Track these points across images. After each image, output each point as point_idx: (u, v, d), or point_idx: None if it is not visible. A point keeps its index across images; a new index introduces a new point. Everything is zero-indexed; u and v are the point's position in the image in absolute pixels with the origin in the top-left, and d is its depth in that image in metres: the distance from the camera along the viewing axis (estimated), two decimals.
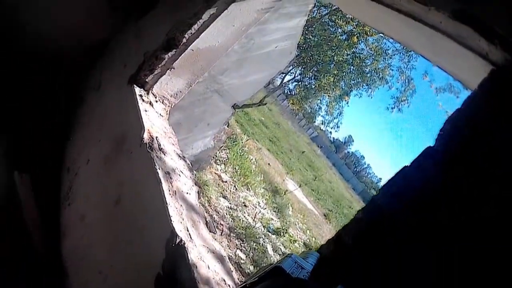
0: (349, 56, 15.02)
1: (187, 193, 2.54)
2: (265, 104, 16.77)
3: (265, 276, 1.41)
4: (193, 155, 6.38)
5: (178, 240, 1.97)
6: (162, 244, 2.03)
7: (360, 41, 14.39)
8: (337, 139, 78.20)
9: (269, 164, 14.87)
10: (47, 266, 3.02)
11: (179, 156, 2.97)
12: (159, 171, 2.40)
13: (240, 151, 10.65)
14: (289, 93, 21.80)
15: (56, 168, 3.85)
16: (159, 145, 2.75)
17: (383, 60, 15.72)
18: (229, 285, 2.09)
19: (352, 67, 15.47)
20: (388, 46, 15.36)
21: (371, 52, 15.15)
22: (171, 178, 2.47)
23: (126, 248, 2.38)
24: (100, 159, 3.17)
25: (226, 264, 2.27)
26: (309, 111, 23.26)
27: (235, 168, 9.62)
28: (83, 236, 2.91)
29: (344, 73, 15.52)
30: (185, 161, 3.00)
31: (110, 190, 2.81)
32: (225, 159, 9.40)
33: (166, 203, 2.16)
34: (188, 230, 2.13)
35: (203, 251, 2.13)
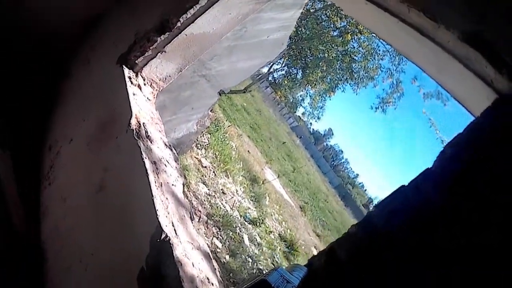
0: (340, 52, 15.05)
1: (173, 185, 2.50)
2: (250, 91, 16.75)
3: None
4: (175, 138, 6.32)
5: (163, 236, 1.94)
6: (147, 238, 1.99)
7: (353, 39, 14.43)
8: (317, 131, 78.68)
9: (248, 151, 14.87)
10: (27, 248, 2.95)
11: (166, 144, 2.92)
12: (146, 161, 2.35)
13: (222, 136, 10.62)
14: (273, 81, 21.77)
15: (38, 145, 3.75)
16: (146, 132, 2.70)
17: (373, 60, 15.81)
18: (212, 284, 2.07)
19: (341, 63, 15.52)
20: (379, 46, 15.45)
21: (362, 50, 15.21)
22: (157, 168, 2.42)
23: (108, 238, 2.32)
24: (83, 140, 3.09)
25: (210, 261, 2.25)
26: (292, 101, 23.30)
27: (216, 154, 9.60)
28: (64, 219, 2.84)
29: (333, 69, 15.58)
30: (171, 150, 2.95)
31: (93, 175, 2.73)
32: (206, 144, 9.35)
33: (153, 196, 2.12)
34: (173, 225, 2.10)
35: (188, 247, 2.10)
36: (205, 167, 8.56)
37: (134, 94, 2.97)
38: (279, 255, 8.84)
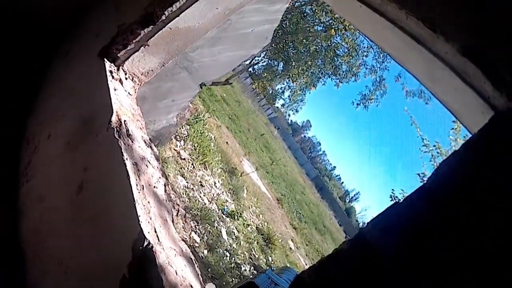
0: (323, 47, 15.07)
1: (154, 186, 2.43)
2: (231, 83, 16.68)
3: None
4: (154, 130, 6.24)
5: (146, 243, 1.87)
6: (129, 245, 1.92)
7: (337, 35, 14.46)
8: (295, 122, 79.03)
9: (227, 142, 14.82)
10: (5, 248, 2.85)
11: (147, 143, 2.85)
12: (127, 162, 2.27)
13: (201, 128, 10.53)
14: (253, 72, 21.73)
15: (17, 138, 3.63)
16: (127, 130, 2.61)
17: (356, 56, 15.90)
18: None
19: (324, 58, 15.55)
20: (363, 43, 15.54)
21: (346, 46, 15.26)
22: (138, 170, 2.35)
23: (89, 242, 2.24)
24: (62, 137, 2.98)
25: (193, 266, 2.20)
26: (271, 92, 23.31)
27: (195, 146, 9.52)
28: (42, 220, 2.73)
29: (316, 64, 15.62)
30: (152, 149, 2.88)
31: (72, 175, 2.63)
32: (185, 135, 9.26)
33: (134, 201, 2.05)
34: (156, 231, 2.04)
35: (171, 254, 2.05)
36: (184, 159, 8.48)
37: (115, 90, 2.87)
38: (256, 249, 8.84)
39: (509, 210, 1.20)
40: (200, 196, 7.99)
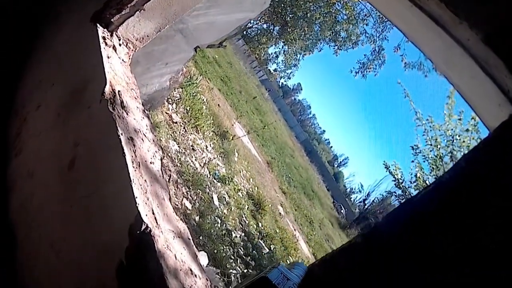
0: (322, 14, 14.85)
1: (151, 162, 2.33)
2: (225, 46, 16.41)
3: (251, 286, 1.33)
4: (146, 94, 6.12)
5: (144, 227, 1.79)
6: (125, 228, 1.84)
7: (338, 2, 14.24)
8: (285, 85, 78.46)
9: (219, 105, 14.66)
10: None
11: (142, 114, 2.72)
12: (122, 137, 2.15)
13: (193, 90, 10.36)
14: (247, 34, 21.42)
15: (5, 108, 3.47)
16: (122, 102, 2.49)
17: (356, 24, 15.72)
18: (195, 275, 1.95)
19: (323, 25, 15.35)
20: (364, 11, 15.37)
21: (345, 13, 15.06)
22: (134, 145, 2.24)
23: (81, 225, 2.15)
24: (52, 108, 2.83)
25: (191, 247, 2.12)
26: (264, 55, 23.08)
27: (187, 109, 9.37)
28: (32, 197, 2.62)
29: (313, 30, 15.42)
30: (149, 119, 2.77)
31: (62, 150, 2.50)
32: (177, 98, 9.10)
33: (130, 181, 1.95)
34: (153, 213, 1.95)
35: (170, 237, 1.97)
36: (176, 122, 8.36)
37: (108, 57, 2.73)
38: (246, 215, 8.84)
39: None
40: (192, 161, 7.92)
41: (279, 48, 19.62)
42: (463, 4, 1.45)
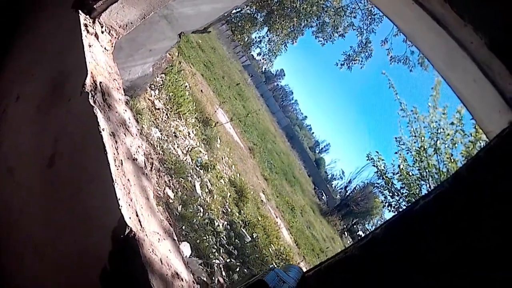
0: (310, 4, 14.79)
1: (134, 158, 2.24)
2: (209, 32, 16.24)
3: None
4: (129, 81, 6.00)
5: (127, 231, 1.71)
6: (108, 232, 1.75)
7: None
8: (268, 70, 78.07)
9: (202, 91, 14.52)
10: None
11: (125, 105, 2.61)
12: (103, 133, 2.05)
13: (176, 77, 10.21)
14: (231, 19, 21.20)
15: None
16: (104, 94, 2.37)
17: (344, 16, 15.71)
18: (182, 279, 1.88)
19: (310, 15, 15.29)
20: (352, 3, 15.39)
21: (334, 5, 15.03)
22: (116, 141, 2.13)
23: (64, 228, 2.04)
24: (32, 100, 2.70)
25: (177, 249, 2.05)
26: (247, 40, 22.92)
27: (169, 95, 9.22)
28: (13, 196, 2.49)
29: (301, 21, 15.36)
30: (131, 110, 2.67)
31: (42, 146, 2.38)
32: (160, 84, 8.95)
33: (113, 181, 1.85)
34: (137, 215, 1.87)
35: (155, 240, 1.89)
36: (158, 109, 8.22)
37: (90, 46, 2.61)
38: (229, 203, 8.80)
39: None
40: (174, 148, 7.82)
41: (264, 34, 19.50)
42: (469, 6, 1.39)
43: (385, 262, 1.26)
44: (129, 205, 1.86)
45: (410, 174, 11.38)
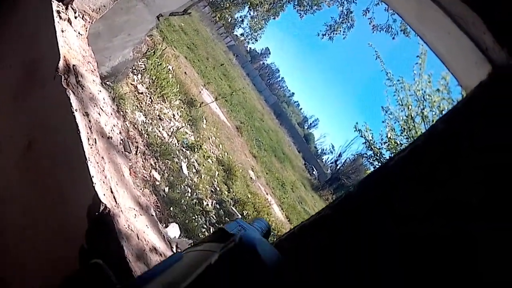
0: None
1: (109, 137, 2.23)
2: (190, 13, 16.08)
3: (210, 237, 1.31)
4: (110, 67, 5.95)
5: (102, 208, 1.70)
6: (84, 211, 1.75)
7: None
8: (253, 50, 77.80)
9: (185, 73, 14.41)
10: None
11: (99, 87, 2.59)
12: (76, 114, 2.03)
13: (158, 60, 10.13)
14: (212, 1, 21.04)
15: None
16: (77, 76, 2.35)
17: None
18: (161, 254, 1.89)
19: None
20: None
21: None
22: (90, 121, 2.12)
23: (42, 209, 2.03)
24: (8, 89, 2.66)
25: (155, 224, 2.05)
26: (230, 20, 22.80)
27: (152, 79, 9.15)
28: None
29: None
30: (107, 90, 2.65)
31: (19, 131, 2.37)
32: (142, 69, 8.87)
33: (86, 160, 1.85)
34: (112, 192, 1.86)
35: (131, 216, 1.88)
36: (142, 93, 8.16)
37: (63, 31, 2.57)
38: (217, 182, 8.82)
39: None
40: (159, 131, 7.79)
41: (245, 12, 19.42)
42: None
43: (359, 218, 1.25)
44: (103, 182, 1.85)
45: (399, 143, 11.43)
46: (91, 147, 1.96)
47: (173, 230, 5.25)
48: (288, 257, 1.37)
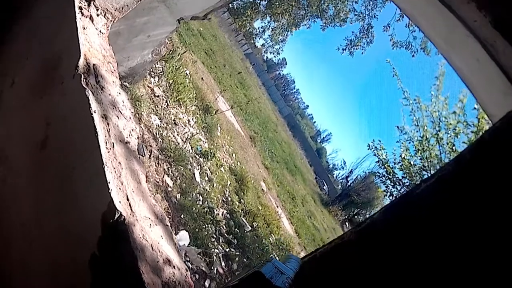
0: None
1: (126, 142, 2.18)
2: (210, 19, 16.14)
3: (245, 281, 1.25)
4: (128, 67, 5.94)
5: (117, 216, 1.65)
6: (98, 217, 1.69)
7: None
8: (270, 59, 77.92)
9: (202, 78, 14.42)
10: None
11: (118, 89, 2.54)
12: (95, 115, 1.99)
13: (176, 63, 10.11)
14: (232, 7, 21.12)
15: None
16: (97, 76, 2.31)
17: (345, 1, 15.65)
18: (174, 266, 1.82)
19: (312, 1, 15.24)
20: None
21: None
22: (108, 124, 2.08)
23: (53, 212, 1.99)
24: (26, 84, 2.63)
25: (170, 236, 1.99)
26: (250, 29, 22.86)
27: (169, 82, 9.14)
28: (6, 182, 2.42)
29: (300, 5, 15.31)
30: (126, 92, 2.60)
31: (34, 130, 2.32)
32: (159, 71, 8.86)
33: (103, 164, 1.79)
34: (128, 199, 1.81)
35: (146, 225, 1.83)
36: (158, 96, 8.15)
37: (84, 28, 2.54)
38: (229, 191, 8.75)
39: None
40: (174, 136, 7.76)
41: (266, 23, 19.47)
42: None
43: (383, 248, 1.20)
44: (120, 188, 1.80)
45: (412, 163, 11.33)
46: (108, 151, 1.91)
47: (183, 238, 5.19)
48: (311, 282, 1.33)
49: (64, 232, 1.89)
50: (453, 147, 10.05)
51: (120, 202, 1.72)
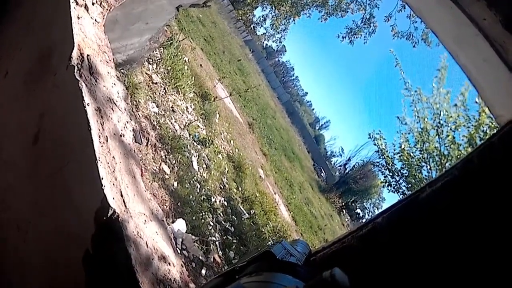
0: None
1: (121, 135, 2.13)
2: (210, 6, 16.01)
3: (255, 260, 1.23)
4: (125, 55, 5.86)
5: (110, 212, 1.61)
6: (91, 213, 1.66)
7: None
8: (269, 46, 77.47)
9: (201, 65, 14.32)
10: None
11: (114, 79, 2.49)
12: (88, 108, 1.94)
13: (175, 50, 10.01)
14: None
15: None
16: (91, 67, 2.25)
17: None
18: (169, 263, 1.79)
19: None
20: None
21: None
22: (102, 117, 2.03)
23: (47, 207, 1.95)
24: (19, 75, 2.57)
25: (165, 231, 1.96)
26: (250, 17, 22.70)
27: (167, 69, 9.04)
28: (0, 176, 2.40)
29: None
30: (123, 80, 2.55)
31: (27, 122, 2.27)
32: (158, 58, 8.77)
33: (96, 158, 1.75)
34: (122, 195, 1.77)
35: (140, 222, 1.79)
36: (156, 83, 8.07)
37: (78, 18, 2.47)
38: (227, 178, 8.73)
39: None
40: (171, 123, 7.71)
41: (266, 11, 19.36)
42: None
43: (387, 255, 1.18)
44: (113, 184, 1.76)
45: (412, 154, 11.35)
46: (102, 146, 1.87)
47: (180, 226, 5.17)
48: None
49: (57, 229, 1.85)
50: (453, 140, 10.06)
51: (113, 198, 1.69)
